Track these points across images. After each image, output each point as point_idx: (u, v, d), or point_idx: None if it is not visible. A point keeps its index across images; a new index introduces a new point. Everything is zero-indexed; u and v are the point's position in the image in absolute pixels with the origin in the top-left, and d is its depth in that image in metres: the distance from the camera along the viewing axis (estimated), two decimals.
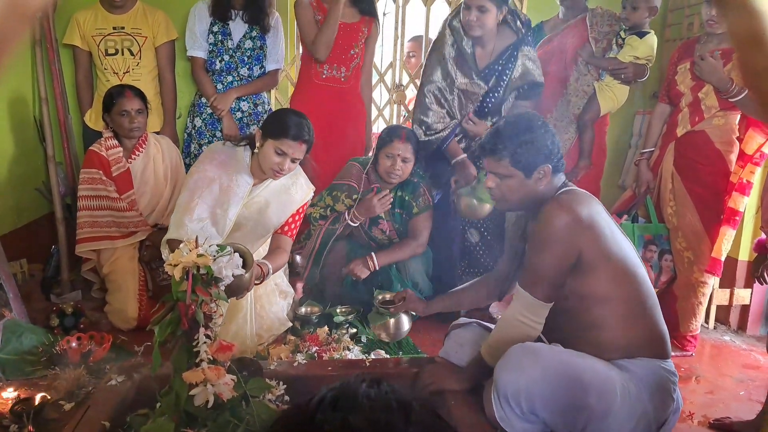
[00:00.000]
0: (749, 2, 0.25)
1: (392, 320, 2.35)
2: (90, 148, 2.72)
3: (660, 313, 1.72)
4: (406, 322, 2.38)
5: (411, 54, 3.81)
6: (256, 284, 2.08)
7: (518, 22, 2.71)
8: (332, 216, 2.77)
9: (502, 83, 2.70)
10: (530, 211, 1.79)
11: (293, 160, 2.19)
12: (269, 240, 2.43)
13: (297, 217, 2.42)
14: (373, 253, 2.70)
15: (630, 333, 1.66)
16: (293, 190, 2.37)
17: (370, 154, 3.23)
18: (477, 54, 2.71)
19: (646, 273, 1.74)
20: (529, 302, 1.67)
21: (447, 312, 2.33)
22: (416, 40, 3.79)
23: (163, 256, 2.33)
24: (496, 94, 2.71)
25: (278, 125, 2.17)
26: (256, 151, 2.23)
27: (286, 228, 2.39)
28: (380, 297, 2.44)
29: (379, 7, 3.47)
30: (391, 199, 2.72)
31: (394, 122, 3.64)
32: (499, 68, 2.69)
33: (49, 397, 1.81)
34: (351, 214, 2.73)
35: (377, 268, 2.68)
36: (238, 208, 2.21)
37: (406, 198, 2.81)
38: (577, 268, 1.64)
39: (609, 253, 1.64)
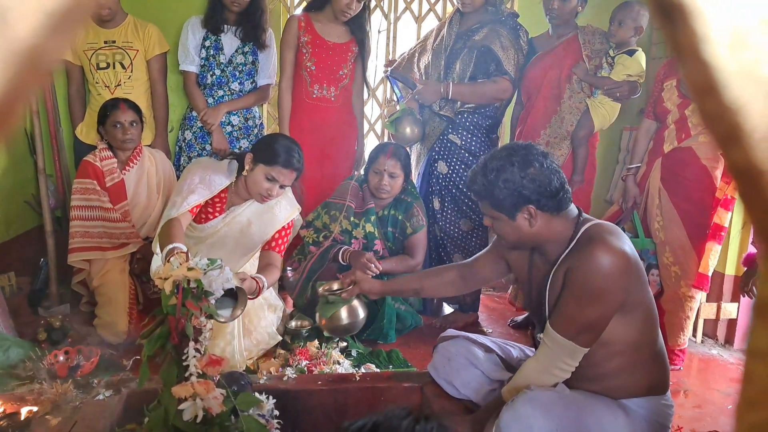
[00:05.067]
0: (701, 54, 0.27)
1: (344, 309, 2.18)
2: (85, 158, 2.72)
3: (665, 350, 1.68)
4: (360, 310, 2.25)
5: None
6: (250, 299, 2.08)
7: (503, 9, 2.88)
8: (325, 243, 2.78)
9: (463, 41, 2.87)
10: (544, 247, 1.65)
11: (282, 186, 2.21)
12: (257, 256, 2.43)
13: (284, 234, 2.42)
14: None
15: (641, 378, 1.61)
16: (276, 210, 2.38)
17: (362, 169, 3.26)
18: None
19: None
20: (571, 350, 1.55)
21: (404, 297, 2.26)
22: None
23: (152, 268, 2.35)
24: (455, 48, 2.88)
25: (270, 151, 2.19)
26: (244, 173, 2.24)
27: (274, 244, 2.39)
28: (326, 286, 2.12)
29: (374, 24, 3.51)
30: (380, 270, 2.67)
31: (385, 137, 3.66)
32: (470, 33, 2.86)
33: (35, 412, 1.79)
34: (341, 253, 2.74)
35: (379, 270, 2.65)
36: (202, 199, 2.20)
37: (399, 218, 2.84)
38: (618, 311, 1.54)
39: (642, 298, 1.57)
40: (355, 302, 2.13)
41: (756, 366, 0.32)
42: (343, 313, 2.14)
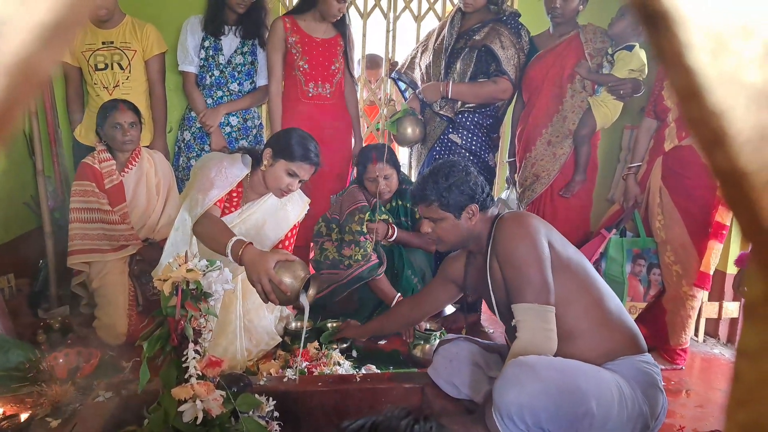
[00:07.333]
0: (685, 60, 0.28)
1: (428, 345, 2.53)
2: (83, 160, 2.71)
3: (626, 311, 1.82)
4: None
5: (367, 79, 3.79)
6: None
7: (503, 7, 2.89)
8: (372, 258, 2.79)
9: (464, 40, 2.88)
10: (470, 246, 1.93)
11: (300, 181, 2.23)
12: None
13: (294, 231, 2.46)
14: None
15: (605, 337, 1.72)
16: (289, 207, 2.41)
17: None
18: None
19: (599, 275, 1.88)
20: (542, 312, 1.67)
21: (380, 335, 2.59)
22: (373, 60, 3.78)
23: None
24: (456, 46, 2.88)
25: (290, 147, 2.20)
26: (262, 168, 2.24)
27: (288, 243, 2.43)
28: (424, 326, 2.72)
29: (380, 22, 3.54)
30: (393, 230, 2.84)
31: (387, 137, 3.65)
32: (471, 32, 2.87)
33: (35, 414, 1.79)
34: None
35: (394, 236, 2.85)
36: (223, 192, 2.20)
37: (407, 205, 2.97)
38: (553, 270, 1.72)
39: (568, 256, 1.78)
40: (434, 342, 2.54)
41: (744, 366, 0.32)
42: (426, 346, 2.55)
